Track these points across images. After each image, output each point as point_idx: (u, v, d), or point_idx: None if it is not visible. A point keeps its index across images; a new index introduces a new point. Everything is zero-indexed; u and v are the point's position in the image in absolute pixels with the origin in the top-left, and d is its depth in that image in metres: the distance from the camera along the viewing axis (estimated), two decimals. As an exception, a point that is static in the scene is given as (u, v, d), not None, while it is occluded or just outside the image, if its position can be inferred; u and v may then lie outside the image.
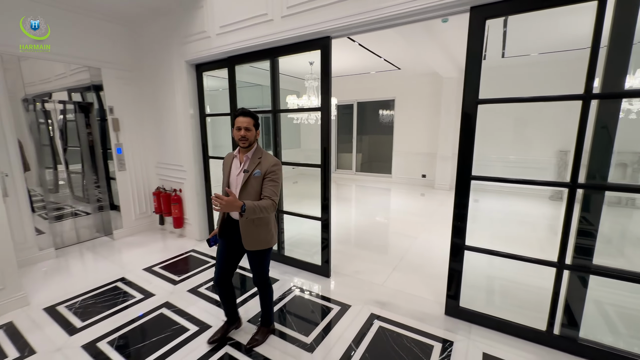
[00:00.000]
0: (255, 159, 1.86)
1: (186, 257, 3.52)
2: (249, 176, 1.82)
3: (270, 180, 1.82)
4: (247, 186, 1.83)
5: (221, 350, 2.03)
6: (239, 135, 1.82)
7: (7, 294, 2.45)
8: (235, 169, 1.91)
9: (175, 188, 4.13)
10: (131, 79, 4.07)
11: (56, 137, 3.98)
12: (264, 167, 1.83)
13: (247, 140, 1.84)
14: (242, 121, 1.82)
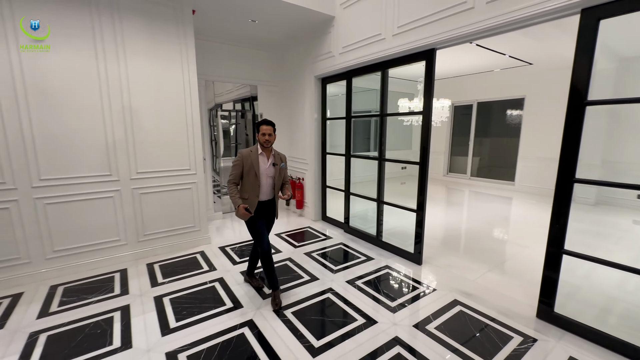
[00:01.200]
0: (277, 155, 2.60)
1: (303, 231, 4.46)
2: (279, 167, 2.58)
3: (286, 169, 2.69)
4: (278, 175, 2.59)
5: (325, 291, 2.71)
6: (264, 139, 2.47)
7: (201, 234, 3.87)
8: (264, 163, 2.52)
9: (299, 177, 5.19)
10: (274, 92, 5.35)
11: (220, 136, 5.65)
12: (283, 161, 2.65)
13: (270, 142, 2.50)
14: (265, 129, 2.47)
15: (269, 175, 2.53)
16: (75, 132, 2.98)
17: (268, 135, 2.47)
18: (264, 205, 2.57)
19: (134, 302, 2.59)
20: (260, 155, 2.51)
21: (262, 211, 2.57)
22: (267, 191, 2.55)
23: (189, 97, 3.56)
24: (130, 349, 2.04)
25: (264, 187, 2.52)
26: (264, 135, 2.46)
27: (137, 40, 3.18)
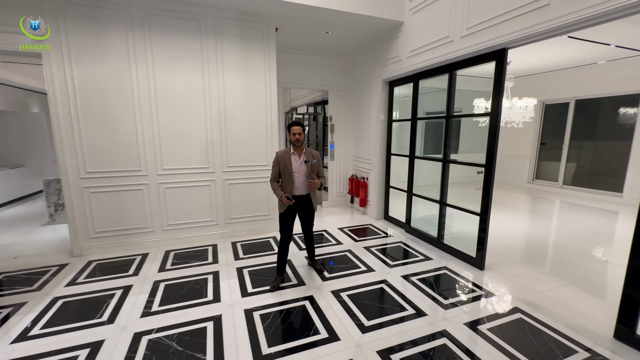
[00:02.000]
0: (308, 153, 2.86)
1: (365, 228, 4.69)
2: (311, 164, 2.83)
3: (320, 165, 2.93)
4: (309, 171, 2.84)
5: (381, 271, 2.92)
6: (295, 138, 2.76)
7: (274, 222, 4.44)
8: (296, 162, 2.81)
9: (363, 176, 5.42)
10: (344, 96, 5.69)
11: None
12: (316, 157, 2.89)
13: (301, 141, 2.77)
14: (295, 129, 2.76)
15: (301, 172, 2.82)
16: (186, 132, 3.81)
17: (298, 135, 2.76)
18: (300, 199, 2.88)
19: (222, 270, 3.23)
20: (292, 155, 2.82)
21: (298, 205, 2.88)
22: (301, 186, 2.84)
23: (269, 103, 4.16)
24: (219, 302, 2.61)
25: (298, 183, 2.82)
26: (294, 135, 2.76)
27: (232, 57, 3.88)
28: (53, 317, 2.42)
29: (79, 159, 3.43)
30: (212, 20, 3.71)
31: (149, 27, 3.48)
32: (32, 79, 6.38)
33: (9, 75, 5.76)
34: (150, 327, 2.28)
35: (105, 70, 3.39)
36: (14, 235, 4.27)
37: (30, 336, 2.19)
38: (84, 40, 3.27)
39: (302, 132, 2.79)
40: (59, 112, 3.29)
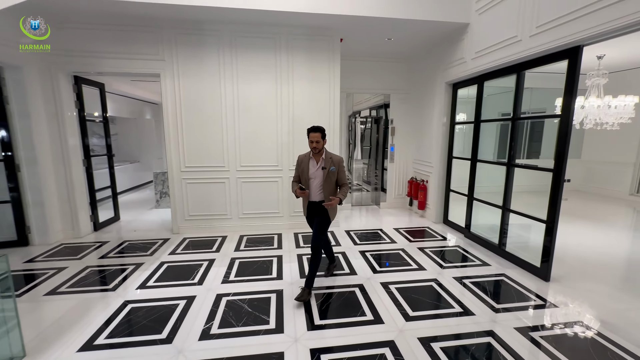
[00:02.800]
0: (327, 159, 2.69)
1: (422, 230, 4.70)
2: (328, 171, 2.67)
3: (342, 172, 2.72)
4: (327, 178, 2.68)
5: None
6: (312, 145, 2.63)
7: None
8: (313, 167, 2.71)
9: (423, 179, 5.41)
10: (405, 99, 5.75)
11: (357, 139, 6.48)
12: (336, 163, 2.69)
13: (318, 149, 2.64)
14: (313, 136, 2.62)
15: (317, 177, 2.70)
16: (260, 135, 4.42)
17: (315, 142, 2.62)
18: (315, 206, 2.77)
19: (285, 255, 3.70)
20: (311, 160, 2.73)
21: (313, 211, 2.79)
22: (316, 192, 2.72)
23: (332, 109, 4.53)
24: (281, 280, 3.06)
25: (313, 189, 2.72)
26: (311, 143, 2.64)
27: (301, 68, 4.37)
28: (161, 275, 3.16)
29: (180, 155, 4.30)
30: (286, 37, 4.24)
31: (235, 48, 4.18)
32: (148, 92, 7.97)
33: (132, 90, 7.34)
34: (228, 291, 2.83)
35: (202, 85, 4.19)
36: (132, 215, 5.50)
37: (147, 286, 2.94)
38: (189, 61, 4.12)
39: (320, 140, 2.63)
40: (169, 119, 4.20)
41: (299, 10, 3.67)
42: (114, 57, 4.00)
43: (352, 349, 2.08)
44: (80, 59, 3.96)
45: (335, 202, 2.61)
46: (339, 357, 2.01)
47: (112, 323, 2.37)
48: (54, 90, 3.95)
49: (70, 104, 4.12)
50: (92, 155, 4.55)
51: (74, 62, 3.95)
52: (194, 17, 3.87)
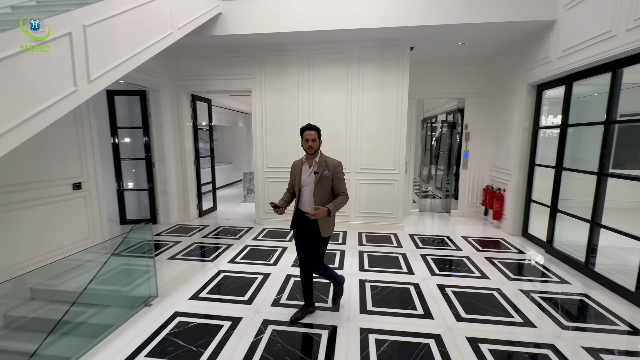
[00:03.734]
0: (321, 163, 2.29)
1: (495, 241, 4.45)
2: (320, 176, 2.26)
3: (339, 178, 2.30)
4: (319, 184, 2.26)
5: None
6: (307, 145, 2.24)
7: (397, 221, 4.93)
8: (305, 172, 2.33)
9: (499, 187, 5.06)
10: (482, 102, 5.47)
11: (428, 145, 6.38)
12: (331, 168, 2.28)
13: (314, 149, 2.26)
14: (309, 134, 2.24)
15: (309, 184, 2.30)
16: (331, 140, 4.87)
17: (312, 141, 2.25)
18: (306, 217, 2.31)
19: (347, 250, 4.04)
20: (304, 164, 2.37)
21: (303, 223, 2.34)
22: (307, 202, 2.31)
23: (399, 116, 4.69)
24: (343, 270, 3.41)
25: (304, 197, 2.33)
26: (307, 142, 2.26)
27: (370, 78, 4.67)
28: (245, 255, 3.87)
29: (264, 158, 5.07)
30: (357, 51, 4.62)
31: (312, 63, 4.74)
32: (241, 104, 9.35)
33: (231, 103, 8.75)
34: (296, 274, 3.32)
35: (283, 97, 4.89)
36: (226, 206, 6.61)
37: (235, 261, 3.65)
38: (273, 78, 4.86)
39: (316, 139, 2.27)
40: (257, 126, 5.01)
41: (372, 27, 4.00)
42: (218, 79, 5.01)
43: (398, 334, 2.29)
44: (195, 82, 5.09)
45: (321, 213, 2.13)
46: (385, 338, 2.25)
47: (210, 284, 3.09)
48: (177, 106, 5.17)
49: (187, 116, 5.30)
50: (200, 156, 5.71)
51: (191, 84, 5.11)
52: (279, 41, 4.57)
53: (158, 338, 2.27)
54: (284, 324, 2.42)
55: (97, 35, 2.22)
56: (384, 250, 4.04)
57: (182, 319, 2.50)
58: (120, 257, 2.90)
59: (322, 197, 2.29)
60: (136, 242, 2.93)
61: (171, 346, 2.18)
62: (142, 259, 2.96)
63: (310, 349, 2.16)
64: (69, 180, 3.33)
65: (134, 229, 2.78)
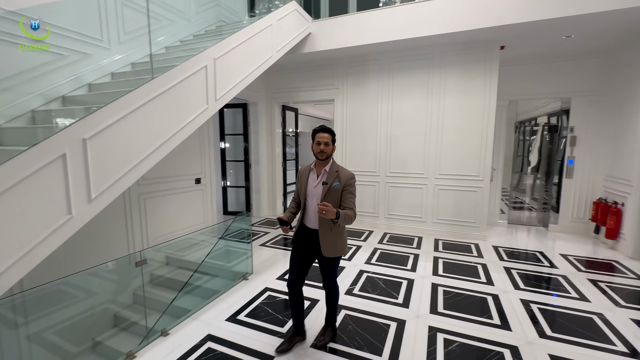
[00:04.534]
0: (332, 173, 2.00)
1: (607, 263, 3.79)
2: (329, 188, 1.97)
3: (350, 192, 1.99)
4: (327, 197, 1.96)
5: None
6: (319, 149, 1.99)
7: (479, 230, 4.64)
8: (312, 181, 2.05)
9: (616, 201, 4.27)
10: (595, 102, 4.71)
11: (527, 151, 5.74)
12: (343, 180, 1.99)
13: (326, 154, 1.99)
14: (322, 136, 1.98)
15: (315, 196, 2.02)
16: (408, 144, 4.92)
17: (324, 145, 1.99)
18: (310, 235, 2.06)
19: (422, 255, 4.04)
20: (311, 172, 2.09)
21: (307, 240, 2.09)
22: (312, 216, 2.04)
23: (486, 119, 4.45)
24: (414, 272, 3.47)
25: (309, 210, 2.06)
26: (318, 145, 2.00)
27: (452, 82, 4.57)
28: (323, 249, 4.27)
29: (343, 162, 5.43)
30: (439, 55, 4.59)
31: (392, 71, 4.90)
32: (324, 112, 10.02)
33: (314, 111, 9.49)
34: (369, 270, 3.53)
35: (362, 104, 5.17)
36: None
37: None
38: (354, 87, 5.20)
39: (329, 142, 2.01)
40: (338, 132, 5.41)
41: (459, 30, 3.95)
42: (305, 90, 5.61)
43: (469, 338, 2.29)
44: (286, 94, 5.80)
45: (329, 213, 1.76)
46: (454, 339, 2.28)
47: (293, 270, 3.56)
48: (271, 116, 5.97)
49: (278, 124, 6.06)
50: (287, 159, 6.43)
51: (282, 96, 5.84)
52: (362, 53, 4.88)
53: (253, 305, 2.79)
54: (355, 311, 2.67)
55: (222, 64, 2.90)
56: (461, 258, 3.90)
57: (271, 294, 3.00)
58: (225, 240, 3.64)
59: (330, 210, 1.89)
60: (237, 229, 3.63)
61: (262, 312, 2.67)
62: (242, 243, 3.63)
63: (378, 335, 2.35)
64: (192, 176, 4.28)
65: (237, 218, 3.45)
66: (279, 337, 2.33)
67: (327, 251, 2.00)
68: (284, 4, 4.14)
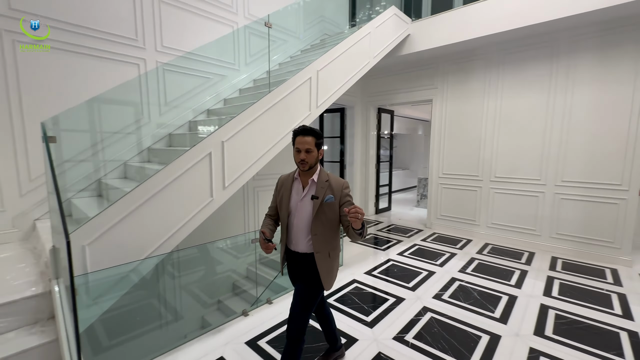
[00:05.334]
0: (322, 183, 1.62)
1: None
2: (321, 203, 1.59)
3: (350, 204, 1.59)
4: (320, 215, 1.60)
5: None
6: (299, 158, 1.58)
7: (619, 252, 3.71)
8: (297, 194, 1.67)
9: None
10: None
11: None
12: (337, 191, 1.62)
13: (308, 164, 1.59)
14: (302, 141, 1.57)
15: (301, 213, 1.64)
16: (521, 146, 4.33)
17: (305, 152, 1.58)
18: (297, 258, 1.69)
19: (531, 271, 3.52)
20: (295, 182, 1.70)
21: (294, 267, 1.72)
22: (299, 238, 1.65)
23: (636, 115, 3.53)
24: (519, 289, 3.09)
25: (295, 231, 1.66)
26: (298, 153, 1.60)
27: (584, 72, 3.80)
28: (412, 252, 4.20)
29: (440, 163, 5.18)
30: (566, 40, 3.89)
31: (503, 65, 4.42)
32: (421, 113, 9.62)
33: (411, 112, 9.22)
34: (462, 278, 3.33)
35: (464, 104, 4.82)
36: (399, 208, 7.13)
37: (404, 255, 4.07)
38: (455, 85, 4.90)
39: (313, 149, 1.59)
40: (435, 133, 5.20)
41: (596, 8, 3.31)
42: (402, 92, 5.59)
43: (584, 371, 1.96)
44: (382, 97, 5.90)
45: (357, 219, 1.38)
46: (562, 367, 2.00)
47: (380, 267, 3.66)
48: (366, 119, 6.18)
49: (373, 126, 6.22)
50: (380, 161, 6.52)
51: (378, 99, 5.97)
52: (466, 48, 4.58)
53: (341, 292, 3.05)
54: (442, 315, 2.61)
55: (323, 75, 3.27)
56: (588, 283, 3.24)
57: (358, 285, 3.20)
58: None
59: (324, 234, 1.62)
60: None
61: (349, 300, 2.89)
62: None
63: (466, 343, 2.25)
64: (295, 174, 4.86)
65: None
66: (364, 324, 2.51)
67: (328, 282, 1.64)
68: (385, 9, 4.28)
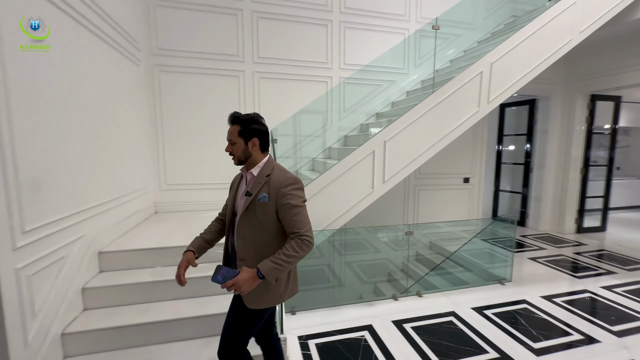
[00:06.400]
0: (261, 178, 1.28)
1: None
2: (252, 201, 1.24)
3: (289, 208, 1.21)
4: (248, 214, 1.26)
5: None
6: (228, 149, 1.32)
7: None
8: (241, 191, 1.35)
9: None
10: None
11: None
12: (273, 189, 1.24)
13: (237, 158, 1.31)
14: (228, 132, 1.29)
15: (238, 210, 1.32)
16: None
17: (230, 145, 1.30)
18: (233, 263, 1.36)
19: None
20: (242, 178, 1.39)
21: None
22: (235, 239, 1.30)
23: None
24: None
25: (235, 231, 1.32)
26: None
27: None
28: (632, 291, 3.05)
29: None
30: None
31: None
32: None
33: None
34: None
35: None
36: (622, 231, 5.14)
37: (614, 290, 3.04)
38: None
39: (237, 139, 1.28)
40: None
41: None
42: (632, 70, 4.02)
43: None
44: (598, 80, 4.47)
45: (245, 284, 1.12)
46: None
47: (570, 296, 2.93)
48: (569, 110, 4.85)
49: (580, 120, 4.80)
50: (591, 165, 4.93)
51: (591, 83, 4.55)
52: None
53: (504, 308, 2.72)
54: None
55: (499, 66, 2.94)
56: None
57: (528, 307, 2.72)
58: (487, 243, 3.70)
59: (254, 240, 1.27)
60: (502, 236, 3.55)
61: (513, 319, 2.54)
62: (504, 250, 3.49)
63: None
64: (461, 175, 4.57)
65: (496, 220, 3.39)
66: (528, 348, 2.18)
67: (251, 297, 1.25)
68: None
